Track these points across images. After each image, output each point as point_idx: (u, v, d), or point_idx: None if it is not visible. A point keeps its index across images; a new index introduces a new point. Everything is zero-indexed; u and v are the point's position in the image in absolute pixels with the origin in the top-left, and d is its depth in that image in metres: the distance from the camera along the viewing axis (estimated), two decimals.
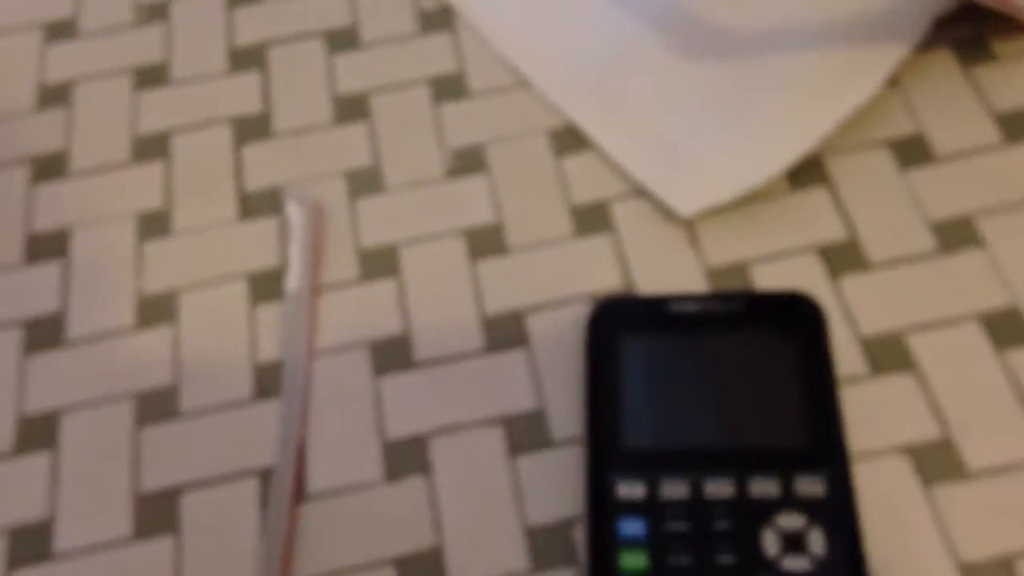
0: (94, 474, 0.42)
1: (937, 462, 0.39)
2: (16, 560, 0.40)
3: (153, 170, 0.49)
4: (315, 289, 0.45)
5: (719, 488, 0.38)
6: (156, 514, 0.41)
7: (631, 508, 0.38)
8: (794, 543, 0.37)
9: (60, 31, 0.54)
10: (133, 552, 0.40)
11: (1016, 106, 0.47)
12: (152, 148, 0.50)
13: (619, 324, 0.41)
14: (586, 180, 0.47)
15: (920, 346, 0.42)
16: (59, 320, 0.45)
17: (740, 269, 0.44)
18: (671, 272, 0.44)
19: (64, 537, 0.40)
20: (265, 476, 0.41)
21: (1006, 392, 0.41)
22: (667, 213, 0.46)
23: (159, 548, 0.40)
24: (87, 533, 0.40)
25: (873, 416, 0.40)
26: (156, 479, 0.41)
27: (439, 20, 0.53)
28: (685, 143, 0.47)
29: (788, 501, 0.37)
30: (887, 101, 0.48)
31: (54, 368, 0.44)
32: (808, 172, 0.46)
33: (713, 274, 0.44)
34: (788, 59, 0.48)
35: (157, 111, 0.51)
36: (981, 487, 0.39)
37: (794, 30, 0.49)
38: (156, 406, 0.43)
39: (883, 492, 0.39)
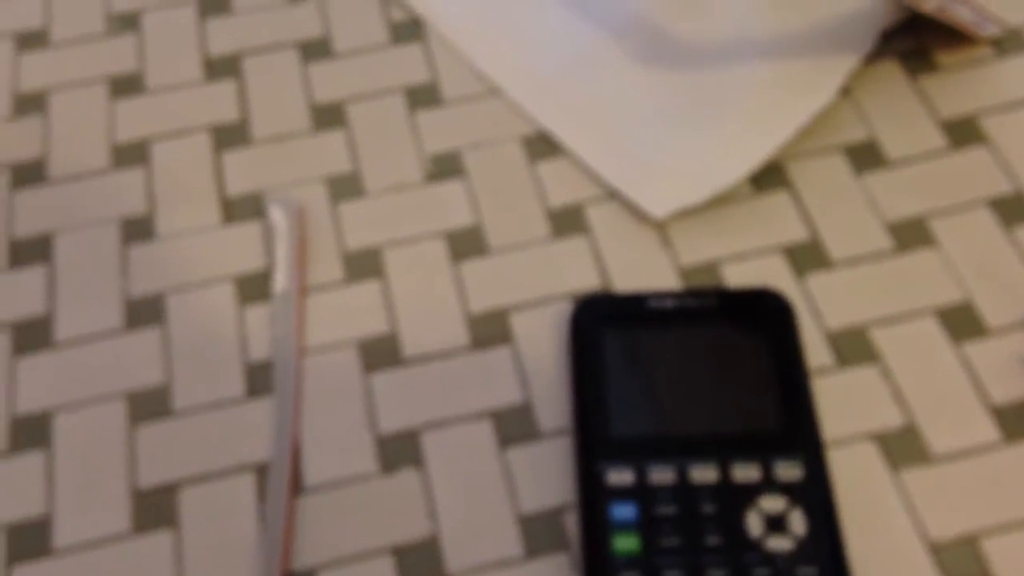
0: (90, 472, 0.42)
1: (903, 447, 0.42)
2: (16, 556, 0.40)
3: (134, 176, 0.50)
4: (302, 290, 0.46)
5: (704, 473, 0.40)
6: (154, 510, 0.41)
7: (621, 494, 0.39)
8: (776, 524, 0.39)
9: (32, 41, 0.55)
10: (133, 546, 0.41)
11: (959, 113, 0.50)
12: (131, 156, 0.51)
13: (600, 320, 0.43)
14: (560, 184, 0.49)
15: (882, 339, 0.44)
16: (47, 323, 0.46)
17: (711, 268, 0.46)
18: (646, 271, 0.46)
19: (63, 533, 0.41)
20: (261, 471, 0.42)
21: (963, 380, 0.43)
22: (640, 215, 0.48)
23: (159, 542, 0.41)
24: (86, 529, 0.41)
25: (841, 405, 0.43)
26: (153, 476, 0.42)
27: (409, 31, 0.54)
28: (654, 148, 0.49)
29: (769, 485, 0.39)
30: (840, 109, 0.51)
31: (44, 369, 0.45)
32: (770, 176, 0.49)
33: (685, 273, 0.46)
34: (747, 69, 0.51)
35: (134, 120, 0.52)
36: (944, 470, 0.41)
37: (751, 41, 0.52)
38: (149, 405, 0.44)
39: (854, 476, 0.41)
